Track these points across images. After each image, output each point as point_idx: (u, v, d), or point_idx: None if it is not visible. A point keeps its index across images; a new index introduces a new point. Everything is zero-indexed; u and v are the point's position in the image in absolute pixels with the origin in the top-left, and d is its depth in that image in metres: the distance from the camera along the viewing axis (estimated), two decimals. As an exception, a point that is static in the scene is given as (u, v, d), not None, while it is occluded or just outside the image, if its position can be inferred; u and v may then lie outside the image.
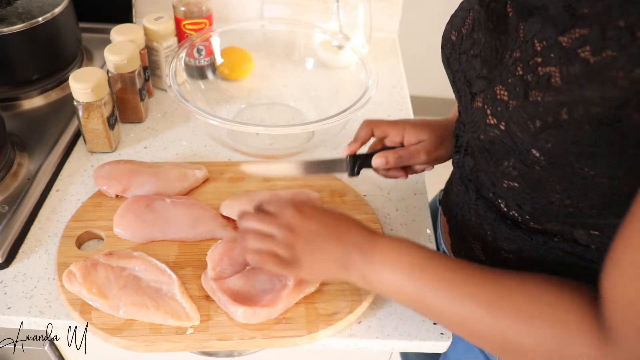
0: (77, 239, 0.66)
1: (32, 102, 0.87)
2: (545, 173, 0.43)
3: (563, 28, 0.38)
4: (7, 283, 0.63)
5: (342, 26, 0.99)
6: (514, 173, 0.46)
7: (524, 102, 0.41)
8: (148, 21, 0.88)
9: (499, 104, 0.43)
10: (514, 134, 0.42)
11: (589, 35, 0.36)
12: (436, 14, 1.30)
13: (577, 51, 0.36)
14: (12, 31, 0.81)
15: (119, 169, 0.73)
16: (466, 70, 0.51)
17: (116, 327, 0.57)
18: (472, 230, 0.58)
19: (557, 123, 0.39)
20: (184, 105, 0.73)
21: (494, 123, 0.44)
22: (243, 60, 0.95)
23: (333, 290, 0.62)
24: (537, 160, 0.42)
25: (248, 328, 0.58)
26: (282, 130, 0.74)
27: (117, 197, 0.72)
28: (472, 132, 0.49)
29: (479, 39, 0.49)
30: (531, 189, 0.46)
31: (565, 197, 0.44)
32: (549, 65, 0.39)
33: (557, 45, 0.38)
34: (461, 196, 0.59)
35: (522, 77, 0.41)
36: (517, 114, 0.41)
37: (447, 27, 0.56)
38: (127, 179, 0.72)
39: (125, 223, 0.68)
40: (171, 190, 0.73)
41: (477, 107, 0.47)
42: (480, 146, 0.48)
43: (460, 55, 0.52)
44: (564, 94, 0.38)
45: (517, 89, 0.41)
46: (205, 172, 0.76)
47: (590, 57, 0.36)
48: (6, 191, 0.72)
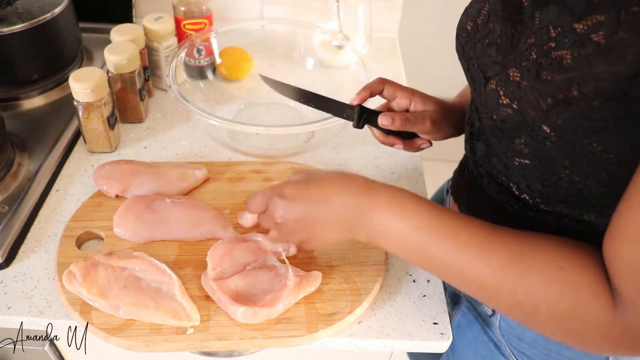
0: (77, 239, 0.66)
1: (32, 102, 0.87)
2: (555, 149, 0.44)
3: (580, 15, 0.39)
4: (7, 283, 0.63)
5: (342, 26, 0.99)
6: (525, 150, 0.47)
7: (536, 81, 0.42)
8: (148, 21, 0.88)
9: (512, 84, 0.45)
10: (526, 111, 0.44)
11: (605, 20, 0.37)
12: (436, 14, 1.30)
13: (590, 35, 0.38)
14: (12, 31, 0.81)
15: (119, 169, 0.73)
16: (481, 58, 0.52)
17: (116, 327, 0.57)
18: (484, 213, 0.58)
19: (567, 100, 0.40)
20: (184, 105, 0.73)
21: (507, 103, 0.46)
22: (243, 60, 0.95)
23: (333, 290, 0.62)
24: (548, 136, 0.43)
25: (248, 328, 0.58)
26: (282, 130, 0.74)
27: (117, 197, 0.72)
28: (485, 113, 0.50)
29: (494, 28, 0.51)
30: (542, 165, 0.47)
31: (574, 173, 0.45)
32: (562, 49, 0.40)
33: (571, 31, 0.40)
34: (474, 182, 0.60)
35: (536, 60, 0.43)
36: (529, 93, 0.43)
37: (462, 18, 0.58)
38: (127, 179, 0.72)
39: (125, 223, 0.68)
40: (171, 191, 0.73)
41: (490, 89, 0.49)
42: (492, 126, 0.49)
43: (475, 43, 0.54)
44: (574, 71, 0.39)
45: (530, 71, 0.43)
46: (205, 172, 0.76)
47: (603, 40, 0.37)
48: (6, 191, 0.72)
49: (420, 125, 0.66)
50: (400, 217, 0.50)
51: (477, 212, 0.60)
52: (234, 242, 0.65)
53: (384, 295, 0.64)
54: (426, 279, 0.66)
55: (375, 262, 0.66)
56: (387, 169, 0.81)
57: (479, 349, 0.65)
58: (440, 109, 0.67)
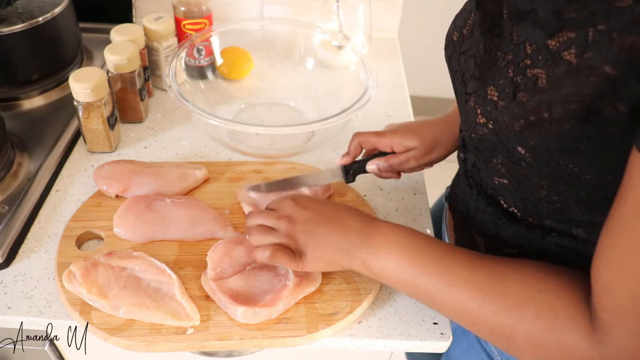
0: (77, 239, 0.66)
1: (32, 102, 0.87)
2: (531, 169, 0.44)
3: (551, 31, 0.39)
4: (7, 283, 0.63)
5: (342, 26, 0.99)
6: (502, 170, 0.48)
7: (511, 102, 0.42)
8: (148, 21, 0.88)
9: (489, 103, 0.45)
10: (501, 132, 0.44)
11: (575, 37, 0.37)
12: (436, 14, 1.30)
13: (562, 53, 0.38)
14: (12, 31, 0.81)
15: (119, 169, 0.73)
16: (464, 71, 0.52)
17: (116, 327, 0.57)
18: (475, 225, 0.59)
19: (539, 122, 0.40)
20: (184, 105, 0.73)
21: (483, 122, 0.46)
22: (243, 60, 0.95)
23: (333, 290, 0.62)
24: (523, 157, 0.43)
25: (248, 328, 0.58)
26: (282, 130, 0.74)
27: (117, 197, 0.72)
28: (465, 130, 0.50)
29: (476, 40, 0.50)
30: (519, 185, 0.47)
31: (552, 193, 0.45)
32: (537, 67, 0.40)
33: (544, 48, 0.39)
34: (465, 191, 0.60)
35: (512, 78, 0.42)
36: (503, 114, 0.43)
37: (450, 28, 0.57)
38: (127, 179, 0.72)
39: (125, 223, 0.68)
40: (171, 191, 0.73)
41: (470, 107, 0.48)
42: (472, 144, 0.50)
43: (459, 55, 0.53)
44: (547, 93, 0.39)
45: (507, 90, 0.43)
46: (205, 172, 0.76)
47: (574, 59, 0.37)
48: (6, 191, 0.72)
49: (405, 166, 0.68)
50: (396, 240, 0.53)
51: (469, 223, 0.60)
52: (234, 242, 0.65)
53: (384, 295, 0.64)
54: (426, 279, 0.66)
55: None
56: (387, 169, 0.81)
57: (472, 358, 0.65)
58: (424, 144, 0.68)
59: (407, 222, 0.73)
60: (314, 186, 0.72)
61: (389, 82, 0.99)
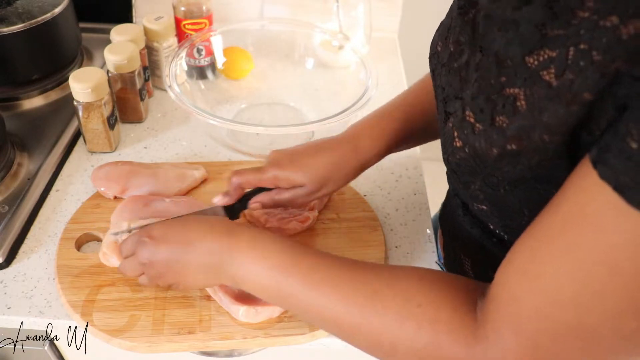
0: (77, 240, 0.66)
1: (32, 102, 0.87)
2: (510, 196, 0.42)
3: (531, 48, 0.35)
4: (7, 283, 0.63)
5: (342, 26, 0.99)
6: (480, 196, 0.45)
7: (490, 127, 0.39)
8: (148, 21, 0.88)
9: (466, 126, 0.42)
10: (477, 157, 0.41)
11: (556, 57, 0.34)
12: (436, 14, 1.30)
13: (540, 73, 0.35)
14: (12, 31, 0.81)
15: (117, 170, 0.73)
16: (444, 86, 0.48)
17: (118, 328, 0.57)
18: (462, 246, 0.57)
19: (518, 152, 0.38)
20: (184, 105, 0.73)
21: (460, 146, 0.43)
22: (243, 60, 0.95)
23: None
24: (500, 183, 0.41)
25: (250, 327, 0.58)
26: (282, 130, 0.74)
27: (115, 199, 0.72)
28: (444, 152, 0.47)
29: (455, 52, 0.46)
30: (499, 211, 0.45)
31: (533, 219, 0.41)
32: (515, 86, 0.37)
33: (522, 66, 0.36)
34: (453, 211, 0.58)
35: (488, 97, 0.39)
36: (481, 139, 0.40)
37: (435, 36, 0.53)
38: (126, 180, 0.72)
39: (122, 223, 0.67)
40: (170, 191, 0.73)
41: (448, 128, 0.45)
42: (449, 168, 0.47)
43: (442, 67, 0.49)
44: (526, 119, 0.36)
45: (484, 112, 0.40)
46: (203, 172, 0.76)
47: (553, 80, 0.34)
48: (6, 191, 0.72)
49: (295, 205, 0.62)
50: (259, 258, 0.49)
51: (456, 243, 0.59)
52: None
53: (385, 295, 0.64)
54: (426, 278, 0.66)
55: (375, 259, 0.66)
56: (387, 169, 0.81)
57: None
58: (314, 181, 0.59)
59: (407, 222, 0.73)
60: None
61: (389, 82, 0.99)
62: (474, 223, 0.53)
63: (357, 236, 0.69)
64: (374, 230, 0.70)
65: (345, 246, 0.68)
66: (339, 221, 0.71)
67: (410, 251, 0.69)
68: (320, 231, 0.70)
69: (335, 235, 0.69)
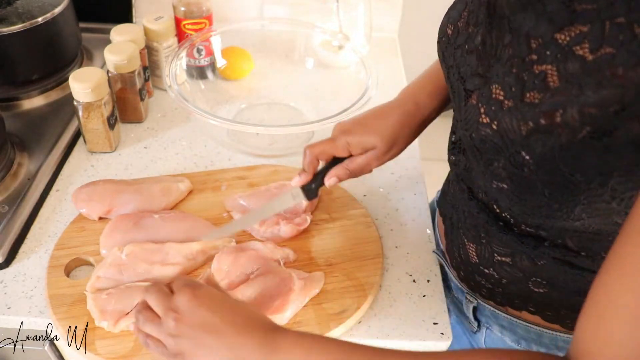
0: (65, 267, 0.64)
1: (32, 102, 0.87)
2: (534, 176, 0.41)
3: (561, 24, 0.36)
4: (7, 283, 0.63)
5: (342, 26, 0.99)
6: (503, 174, 0.45)
7: (520, 103, 0.39)
8: (148, 21, 0.88)
9: (494, 103, 0.42)
10: (505, 134, 0.41)
11: (589, 32, 0.34)
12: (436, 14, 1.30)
13: (574, 48, 0.35)
14: (12, 31, 0.81)
15: (99, 189, 0.70)
16: (461, 66, 0.49)
17: (124, 355, 0.56)
18: (466, 232, 0.57)
19: (549, 127, 0.37)
20: (184, 105, 0.73)
21: (487, 122, 0.43)
22: (243, 60, 0.95)
23: (337, 288, 0.63)
24: (526, 163, 0.41)
25: None
26: (282, 130, 0.74)
27: (100, 220, 0.69)
28: (464, 129, 0.47)
29: (473, 34, 0.47)
30: (520, 191, 0.44)
31: (553, 201, 0.42)
32: (545, 63, 0.37)
33: (553, 43, 0.36)
34: (456, 196, 0.59)
35: (518, 75, 0.39)
36: (511, 115, 0.40)
37: (443, 21, 0.54)
38: (110, 199, 0.69)
39: (112, 244, 0.65)
40: (156, 206, 0.70)
41: (471, 105, 0.46)
42: (471, 144, 0.47)
43: (455, 49, 0.50)
44: (561, 94, 0.36)
45: (514, 89, 0.40)
46: (188, 184, 0.74)
47: (588, 55, 0.34)
48: (6, 191, 0.72)
49: (367, 169, 0.63)
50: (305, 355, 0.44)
51: (459, 230, 0.59)
52: (234, 252, 0.64)
53: (384, 295, 0.64)
54: (426, 279, 0.66)
55: (373, 255, 0.66)
56: (387, 169, 0.81)
57: None
58: (384, 142, 0.61)
59: (407, 222, 0.73)
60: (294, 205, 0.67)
61: (389, 82, 0.99)
62: (481, 208, 0.53)
63: (352, 234, 0.69)
64: (368, 227, 0.70)
65: (343, 245, 0.68)
66: (331, 221, 0.71)
67: (410, 251, 0.69)
68: (315, 232, 0.70)
69: (330, 235, 0.69)
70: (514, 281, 0.54)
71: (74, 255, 0.65)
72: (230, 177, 0.77)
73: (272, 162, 0.80)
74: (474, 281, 0.59)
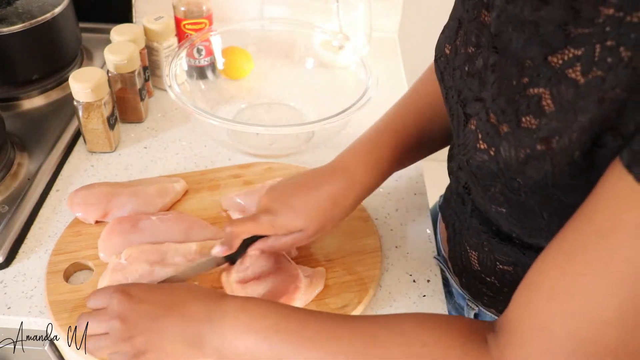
0: (64, 272, 0.63)
1: (32, 102, 0.87)
2: (530, 201, 0.41)
3: (554, 47, 0.35)
4: (7, 283, 0.63)
5: (342, 26, 0.99)
6: (500, 199, 0.44)
7: (517, 129, 0.38)
8: (148, 21, 0.88)
9: (490, 128, 0.41)
10: (502, 160, 0.40)
11: (582, 55, 0.34)
12: (436, 14, 1.30)
13: (566, 72, 0.34)
14: (12, 31, 0.81)
15: (95, 192, 0.69)
16: (461, 89, 0.47)
17: None
18: (468, 240, 0.57)
19: (544, 154, 0.37)
20: (184, 105, 0.73)
21: (484, 148, 0.42)
22: (243, 60, 0.95)
23: (338, 283, 0.63)
24: (522, 188, 0.40)
25: None
26: (282, 130, 0.74)
27: (96, 223, 0.69)
28: (462, 154, 0.46)
29: (474, 54, 0.46)
30: (518, 215, 0.44)
31: (553, 224, 0.41)
32: (538, 86, 0.37)
33: (545, 66, 0.36)
34: (458, 207, 0.58)
35: (512, 98, 0.39)
36: (508, 141, 0.39)
37: (440, 38, 0.53)
38: (106, 202, 0.68)
39: (111, 247, 0.64)
40: (153, 208, 0.70)
41: (469, 130, 0.45)
42: (468, 170, 0.46)
43: (454, 70, 0.49)
44: (557, 120, 0.36)
45: (506, 113, 0.39)
46: (184, 184, 0.73)
47: (580, 78, 0.34)
48: (6, 191, 0.72)
49: (293, 250, 0.62)
50: (248, 323, 0.46)
51: (462, 238, 0.58)
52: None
53: (384, 295, 0.64)
54: (426, 279, 0.66)
55: (372, 249, 0.67)
56: (387, 169, 0.81)
57: None
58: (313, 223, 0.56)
59: (407, 222, 0.73)
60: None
61: (389, 82, 0.99)
62: (483, 220, 0.53)
63: (351, 229, 0.69)
64: (365, 221, 0.71)
65: (341, 240, 0.68)
66: None
67: (410, 251, 0.69)
68: None
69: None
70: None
71: (73, 260, 0.64)
72: (226, 175, 0.77)
73: (271, 161, 0.80)
74: (476, 288, 0.59)
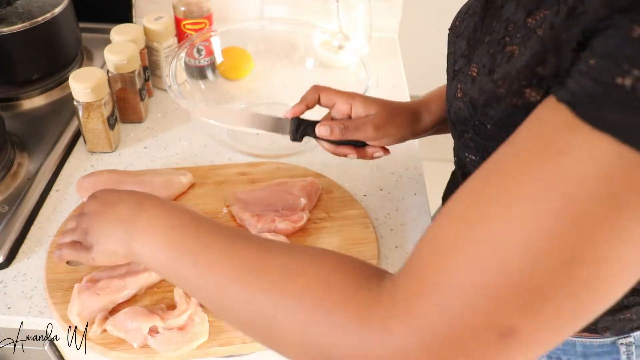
0: None
1: (32, 102, 0.87)
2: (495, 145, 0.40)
3: (530, 9, 0.39)
4: (7, 283, 0.63)
5: (342, 26, 0.99)
6: (471, 145, 0.47)
7: (486, 77, 0.42)
8: (148, 21, 0.88)
9: (468, 79, 0.45)
10: (472, 105, 0.44)
11: (548, 15, 0.36)
12: (436, 14, 1.30)
13: (536, 30, 0.37)
14: (12, 31, 0.81)
15: (103, 179, 0.71)
16: (456, 52, 0.52)
17: (114, 341, 0.56)
18: None
19: (501, 94, 0.40)
20: (184, 105, 0.73)
21: (460, 96, 0.46)
22: (243, 60, 0.95)
23: None
24: (488, 132, 0.43)
25: None
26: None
27: None
28: (448, 107, 0.50)
29: (471, 22, 0.51)
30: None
31: None
32: (514, 44, 0.40)
33: (524, 26, 0.39)
34: (457, 187, 0.59)
35: (493, 55, 0.42)
36: (476, 87, 0.44)
37: (455, 16, 0.57)
38: (112, 188, 0.69)
39: None
40: None
41: (452, 83, 0.50)
42: (450, 121, 0.50)
43: (457, 38, 0.53)
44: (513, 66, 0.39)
45: (485, 67, 0.43)
46: (190, 177, 0.74)
47: (542, 34, 0.36)
48: (6, 191, 0.72)
49: (362, 132, 0.61)
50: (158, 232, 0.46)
51: None
52: None
53: (384, 295, 0.64)
54: (426, 279, 0.66)
55: (369, 256, 0.67)
56: (387, 169, 0.81)
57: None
58: (385, 112, 0.62)
59: (407, 222, 0.73)
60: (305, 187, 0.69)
61: (389, 82, 0.99)
62: None
63: (350, 234, 0.69)
64: (365, 227, 0.70)
65: (339, 244, 0.68)
66: (330, 220, 0.71)
67: (410, 251, 0.69)
68: (312, 231, 0.70)
69: (328, 234, 0.69)
70: None
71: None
72: (233, 172, 0.77)
73: (280, 161, 0.80)
74: None
